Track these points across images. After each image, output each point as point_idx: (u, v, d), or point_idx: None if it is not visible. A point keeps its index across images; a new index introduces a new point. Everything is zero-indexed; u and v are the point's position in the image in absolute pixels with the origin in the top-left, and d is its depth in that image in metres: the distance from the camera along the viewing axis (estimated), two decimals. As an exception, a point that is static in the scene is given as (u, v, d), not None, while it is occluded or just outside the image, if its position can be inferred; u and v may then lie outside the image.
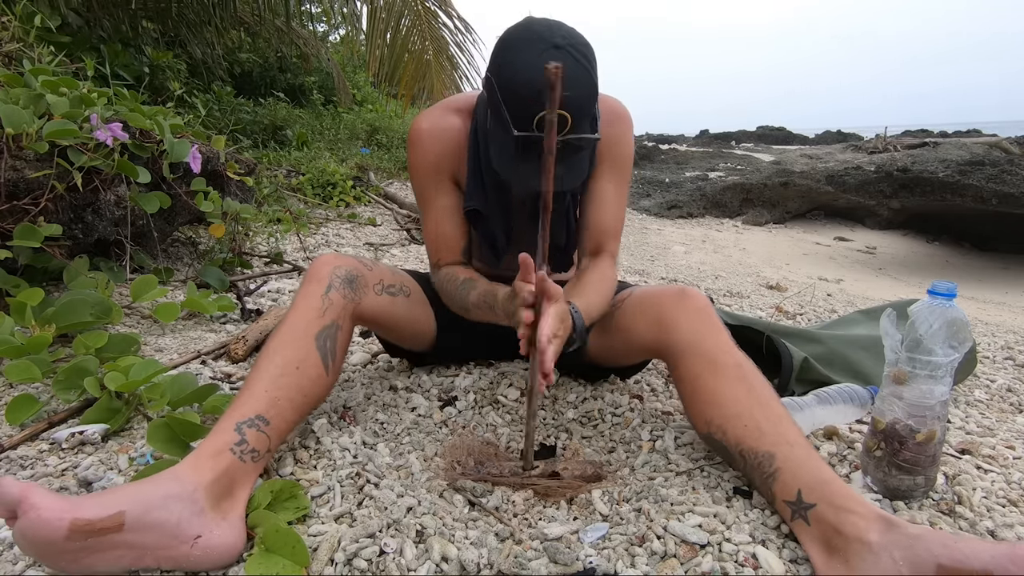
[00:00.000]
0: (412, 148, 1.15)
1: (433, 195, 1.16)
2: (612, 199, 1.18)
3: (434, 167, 1.14)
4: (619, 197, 1.19)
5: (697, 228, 7.27)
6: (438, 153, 1.14)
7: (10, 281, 1.42)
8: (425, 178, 1.16)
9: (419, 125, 1.14)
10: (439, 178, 1.15)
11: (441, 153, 1.14)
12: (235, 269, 2.22)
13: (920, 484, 0.89)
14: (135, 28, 4.14)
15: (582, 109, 0.94)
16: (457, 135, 1.14)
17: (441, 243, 1.18)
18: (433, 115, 1.16)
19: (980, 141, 8.18)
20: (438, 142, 1.14)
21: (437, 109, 1.17)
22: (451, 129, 1.14)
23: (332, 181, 4.12)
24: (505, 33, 0.98)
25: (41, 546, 0.65)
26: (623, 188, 1.20)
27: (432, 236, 1.19)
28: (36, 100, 1.49)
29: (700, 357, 0.93)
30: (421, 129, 1.14)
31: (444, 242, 1.18)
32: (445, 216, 1.17)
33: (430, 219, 1.18)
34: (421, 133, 1.14)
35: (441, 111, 1.16)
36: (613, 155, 1.15)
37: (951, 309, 0.84)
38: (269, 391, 0.87)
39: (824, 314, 2.51)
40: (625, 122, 1.16)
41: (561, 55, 0.91)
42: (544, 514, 0.88)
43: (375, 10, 4.23)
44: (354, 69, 7.85)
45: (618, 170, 1.17)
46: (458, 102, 1.18)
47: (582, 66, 0.93)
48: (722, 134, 13.78)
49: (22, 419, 1.02)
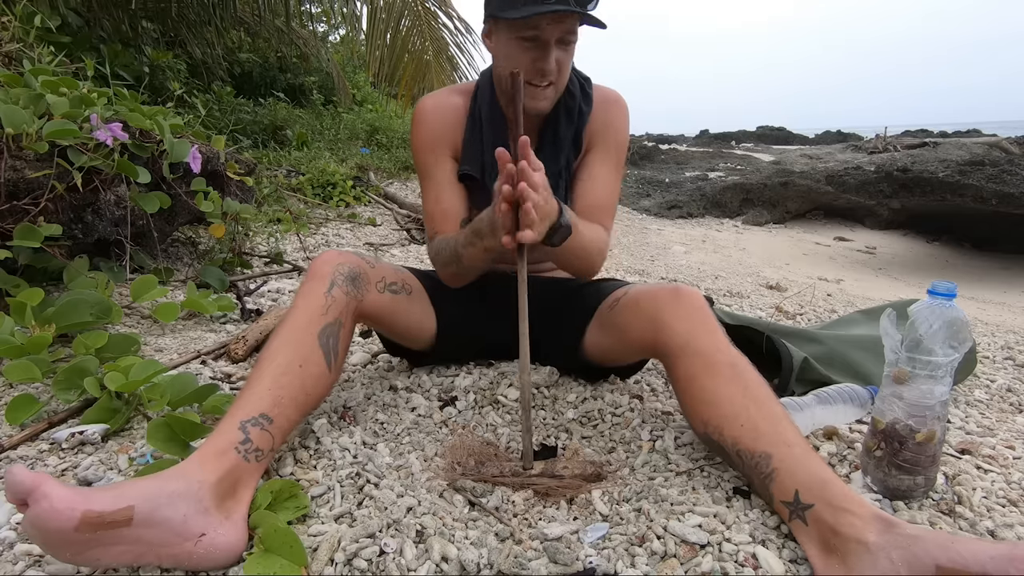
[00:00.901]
0: (416, 124, 1.23)
1: (433, 167, 1.22)
2: (605, 178, 1.22)
3: (436, 141, 1.21)
4: (612, 178, 1.23)
5: (697, 228, 7.27)
6: (440, 127, 1.21)
7: (10, 281, 1.42)
8: (427, 151, 1.21)
9: (423, 103, 1.23)
10: (440, 152, 1.21)
11: (443, 127, 1.21)
12: (235, 269, 2.23)
13: (920, 484, 0.89)
14: (135, 28, 4.14)
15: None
16: (458, 112, 1.22)
17: (439, 214, 1.21)
18: (437, 95, 1.25)
19: (980, 141, 8.18)
20: (440, 117, 1.21)
21: (441, 91, 1.27)
22: (453, 106, 1.22)
23: (332, 181, 4.12)
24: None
25: (50, 536, 0.65)
26: (616, 170, 1.24)
27: (431, 208, 1.22)
28: (36, 100, 1.49)
29: (695, 356, 0.93)
30: (425, 106, 1.23)
31: (442, 213, 1.21)
32: (444, 188, 1.21)
33: (430, 191, 1.23)
34: (425, 109, 1.22)
35: (445, 92, 1.26)
36: (607, 138, 1.21)
37: (951, 309, 0.84)
38: (272, 389, 0.87)
39: (824, 314, 2.51)
40: (619, 107, 1.22)
41: None
42: (544, 514, 0.88)
43: (375, 10, 4.23)
44: (354, 69, 7.86)
45: (611, 153, 1.22)
46: (461, 86, 1.28)
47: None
48: (722, 134, 13.79)
49: (22, 419, 1.02)
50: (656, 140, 13.14)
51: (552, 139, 1.21)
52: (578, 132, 1.22)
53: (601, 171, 1.21)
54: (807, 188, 8.03)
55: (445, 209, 1.20)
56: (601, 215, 1.20)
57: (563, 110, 1.20)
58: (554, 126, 1.21)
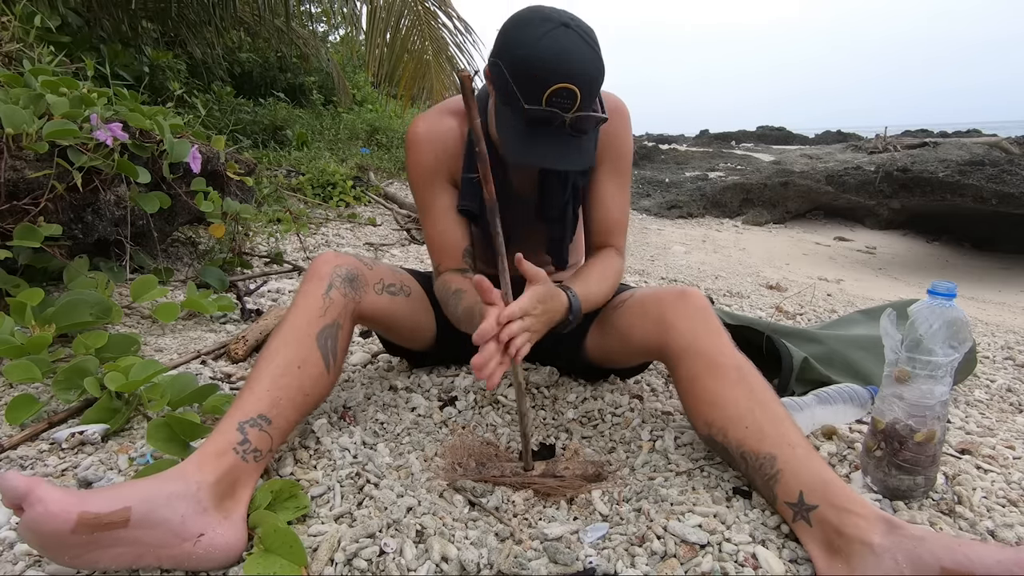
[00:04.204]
0: (410, 152, 1.16)
1: (432, 198, 1.16)
2: (615, 196, 1.19)
3: (432, 170, 1.15)
4: (621, 193, 1.20)
5: (697, 228, 7.27)
6: (435, 155, 1.14)
7: (10, 281, 1.41)
8: (423, 181, 1.16)
9: (415, 129, 1.15)
10: (437, 180, 1.15)
11: (438, 155, 1.14)
12: (235, 269, 2.22)
13: (920, 484, 0.89)
14: (135, 28, 4.14)
15: (590, 84, 0.95)
16: (454, 137, 1.14)
17: (441, 247, 1.17)
18: (429, 118, 1.16)
19: (980, 141, 8.18)
20: (435, 145, 1.14)
21: (433, 112, 1.17)
22: (448, 131, 1.14)
23: (332, 181, 4.12)
24: (512, 16, 1.00)
25: (47, 539, 0.65)
26: (624, 184, 1.20)
27: (433, 239, 1.18)
28: (36, 100, 1.49)
29: (699, 358, 0.93)
30: (418, 133, 1.15)
31: (443, 245, 1.17)
32: (444, 217, 1.16)
33: (430, 222, 1.18)
34: (418, 137, 1.14)
35: (437, 114, 1.17)
36: (612, 151, 1.16)
37: (951, 309, 0.84)
38: (271, 390, 0.88)
39: (824, 314, 2.51)
40: (623, 117, 1.17)
41: (570, 33, 0.93)
42: (544, 514, 0.88)
43: (375, 10, 4.23)
44: (354, 69, 7.86)
45: (618, 166, 1.18)
46: (454, 105, 1.19)
47: (589, 45, 0.95)
48: (722, 134, 13.78)
49: (22, 419, 1.02)
50: (656, 140, 13.14)
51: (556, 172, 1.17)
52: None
53: (610, 188, 1.18)
54: (807, 188, 8.03)
55: (447, 238, 1.16)
56: (613, 234, 1.19)
57: None
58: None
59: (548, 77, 0.91)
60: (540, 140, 0.97)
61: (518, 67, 0.94)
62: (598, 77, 0.97)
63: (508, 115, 0.98)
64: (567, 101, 0.93)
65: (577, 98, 0.93)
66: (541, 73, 0.92)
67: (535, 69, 0.92)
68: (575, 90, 0.93)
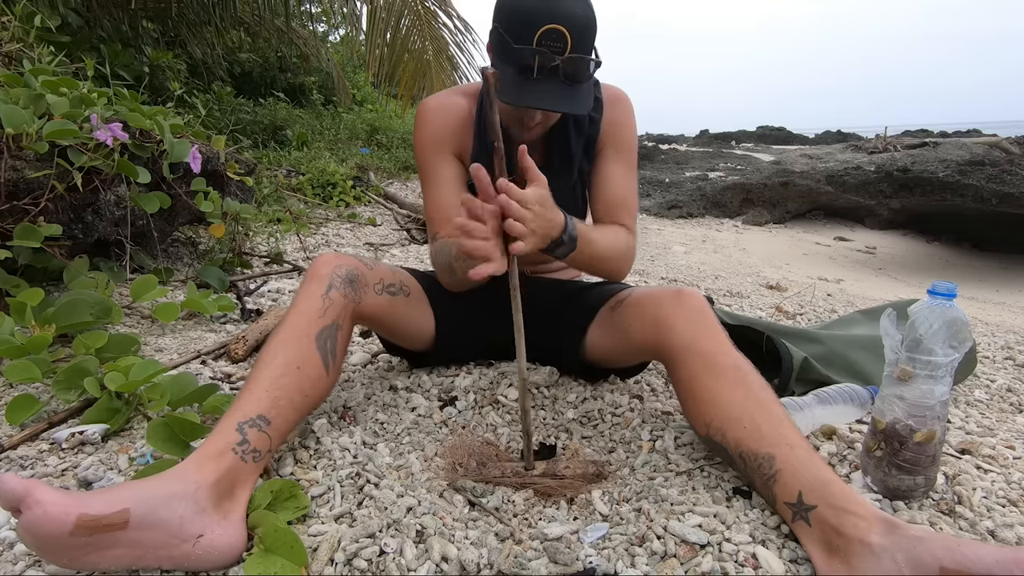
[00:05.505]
0: (418, 124, 1.21)
1: (435, 167, 1.20)
2: (620, 177, 1.20)
3: (439, 138, 1.20)
4: (626, 175, 1.21)
5: (697, 228, 7.27)
6: (442, 127, 1.19)
7: (10, 281, 1.41)
8: (429, 151, 1.20)
9: (426, 104, 1.22)
10: (442, 151, 1.20)
11: (445, 127, 1.19)
12: (235, 269, 2.22)
13: (920, 484, 0.89)
14: (135, 28, 4.14)
15: (581, 29, 0.98)
16: (462, 113, 1.20)
17: (440, 215, 1.19)
18: (440, 96, 1.24)
19: (980, 141, 8.17)
20: (443, 118, 1.20)
21: (445, 92, 1.25)
22: (456, 107, 1.21)
23: (332, 181, 4.12)
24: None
25: (45, 541, 0.65)
26: (631, 168, 1.22)
27: (432, 208, 1.21)
28: (36, 100, 1.49)
29: (698, 358, 0.93)
30: (428, 106, 1.21)
31: (443, 214, 1.19)
32: (446, 187, 1.20)
33: (431, 192, 1.21)
34: (428, 109, 1.21)
35: (448, 93, 1.24)
36: (616, 137, 1.20)
37: (951, 309, 0.84)
38: (270, 391, 0.88)
39: (824, 314, 2.51)
40: (625, 105, 1.21)
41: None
42: (544, 514, 0.88)
43: (375, 10, 4.23)
44: (354, 69, 7.86)
45: (623, 151, 1.21)
46: (465, 87, 1.26)
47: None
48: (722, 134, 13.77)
49: (22, 419, 1.02)
50: (656, 140, 13.13)
51: (561, 152, 1.20)
52: (590, 140, 1.21)
53: (615, 170, 1.20)
54: (807, 188, 8.03)
55: (446, 208, 1.18)
56: (620, 213, 1.19)
57: (571, 121, 1.18)
58: (563, 139, 1.19)
59: (537, 19, 0.95)
60: (536, 86, 1.00)
61: (511, 16, 0.98)
62: (589, 24, 0.99)
63: (504, 69, 1.01)
64: (558, 44, 0.96)
65: (567, 40, 0.96)
66: (529, 16, 0.96)
67: (524, 13, 0.97)
68: (564, 32, 0.96)
